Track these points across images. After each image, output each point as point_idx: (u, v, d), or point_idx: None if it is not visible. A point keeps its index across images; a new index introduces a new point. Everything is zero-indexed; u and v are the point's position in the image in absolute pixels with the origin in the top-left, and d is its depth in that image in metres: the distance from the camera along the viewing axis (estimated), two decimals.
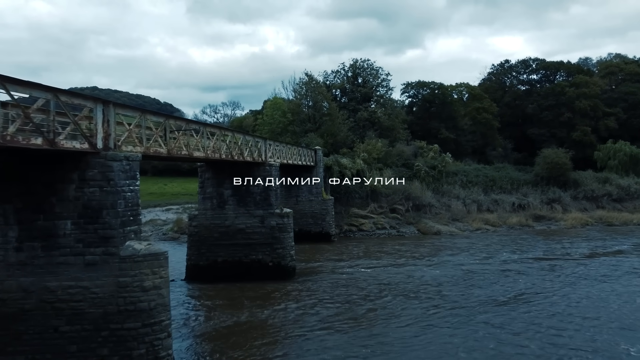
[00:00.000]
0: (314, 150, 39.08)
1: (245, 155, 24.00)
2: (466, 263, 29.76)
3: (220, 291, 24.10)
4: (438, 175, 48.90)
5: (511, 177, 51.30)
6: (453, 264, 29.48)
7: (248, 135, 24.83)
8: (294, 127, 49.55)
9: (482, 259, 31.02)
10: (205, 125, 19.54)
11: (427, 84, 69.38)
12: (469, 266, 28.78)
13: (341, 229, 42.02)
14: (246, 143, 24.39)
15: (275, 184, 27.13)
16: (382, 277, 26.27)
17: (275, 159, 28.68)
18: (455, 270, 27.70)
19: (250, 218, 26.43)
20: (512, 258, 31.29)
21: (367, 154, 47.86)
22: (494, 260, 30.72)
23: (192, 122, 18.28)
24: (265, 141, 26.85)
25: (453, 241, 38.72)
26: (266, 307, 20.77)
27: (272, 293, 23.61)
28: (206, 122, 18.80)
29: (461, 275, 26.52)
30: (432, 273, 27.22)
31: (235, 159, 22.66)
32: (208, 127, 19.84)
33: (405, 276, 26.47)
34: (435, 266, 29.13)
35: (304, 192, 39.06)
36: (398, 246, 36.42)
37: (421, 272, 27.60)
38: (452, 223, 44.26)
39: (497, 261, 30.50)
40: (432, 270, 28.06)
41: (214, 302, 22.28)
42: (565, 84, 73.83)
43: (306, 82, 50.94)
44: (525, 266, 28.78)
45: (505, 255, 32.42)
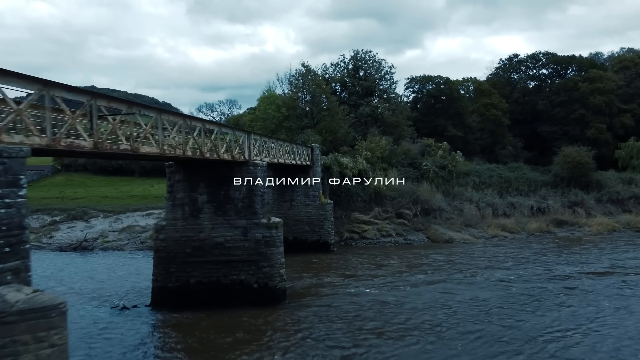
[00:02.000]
0: (311, 148, 33.87)
1: (221, 153, 18.79)
2: (494, 280, 24.55)
3: (192, 323, 18.93)
4: (448, 176, 43.68)
5: (528, 177, 46.11)
6: (480, 282, 24.28)
7: (226, 128, 19.61)
8: (289, 123, 44.32)
9: (514, 274, 25.82)
10: (161, 112, 14.30)
11: (433, 78, 64.14)
12: (500, 286, 23.49)
13: (341, 236, 36.80)
14: (223, 137, 19.17)
15: (262, 187, 21.93)
16: (396, 301, 21.03)
17: (262, 157, 23.47)
18: (486, 291, 22.43)
19: (230, 229, 21.21)
20: (555, 272, 26.25)
21: (370, 152, 42.65)
22: (528, 273, 25.70)
23: (138, 106, 13.08)
24: (249, 135, 21.63)
25: (469, 251, 33.50)
26: (249, 349, 15.57)
27: (257, 324, 18.49)
28: (163, 108, 13.05)
29: (498, 299, 21.11)
30: (461, 295, 21.86)
31: (207, 156, 17.45)
32: (165, 115, 14.61)
33: (423, 299, 21.26)
34: (460, 284, 23.89)
35: (299, 196, 33.84)
36: (407, 257, 31.21)
37: (443, 292, 22.35)
38: (466, 229, 39.04)
39: (536, 275, 25.50)
40: (459, 290, 22.74)
41: (181, 339, 17.11)
42: (578, 78, 68.69)
43: (303, 74, 45.73)
44: (575, 283, 23.73)
45: (544, 268, 27.33)
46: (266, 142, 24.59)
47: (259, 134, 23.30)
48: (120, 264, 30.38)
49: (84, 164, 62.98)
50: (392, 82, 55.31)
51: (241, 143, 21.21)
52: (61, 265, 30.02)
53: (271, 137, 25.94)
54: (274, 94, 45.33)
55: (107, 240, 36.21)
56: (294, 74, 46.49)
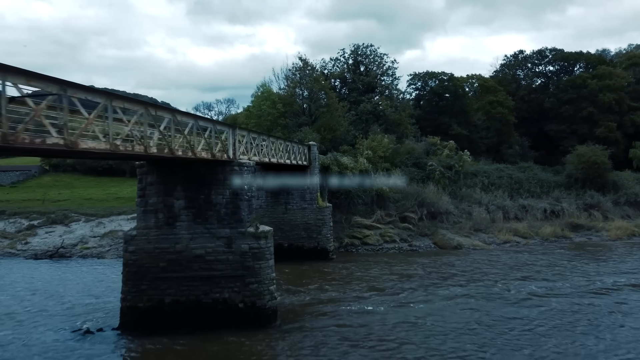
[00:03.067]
0: (308, 146, 30.74)
1: (197, 150, 15.63)
2: (525, 294, 21.44)
3: (165, 351, 15.91)
4: (455, 177, 40.51)
5: (540, 178, 42.92)
6: (509, 296, 21.20)
7: (205, 121, 16.42)
8: (285, 120, 41.14)
9: (545, 286, 22.80)
10: (111, 97, 11.13)
11: (436, 74, 60.93)
12: (535, 301, 20.28)
13: (341, 242, 33.66)
14: (200, 132, 16.02)
15: (249, 190, 18.79)
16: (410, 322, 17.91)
17: (250, 155, 20.34)
18: (522, 307, 19.38)
19: (211, 240, 18.07)
20: (594, 282, 23.29)
21: (372, 151, 39.50)
22: (563, 285, 22.76)
23: (76, 88, 9.92)
24: (234, 131, 18.47)
25: (480, 257, 30.36)
26: None
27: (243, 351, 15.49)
28: (114, 92, 9.76)
29: (540, 318, 17.93)
30: (492, 313, 18.70)
31: (179, 155, 14.28)
32: (118, 101, 11.44)
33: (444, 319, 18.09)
34: (485, 299, 20.78)
35: (294, 199, 30.69)
36: (414, 266, 28.09)
37: (468, 310, 19.28)
38: (475, 234, 35.89)
39: (574, 287, 22.54)
40: (487, 307, 19.63)
41: None
42: (586, 75, 65.53)
43: (300, 68, 42.54)
44: (622, 296, 20.82)
45: (580, 278, 24.38)
46: (255, 139, 21.43)
47: (247, 129, 20.18)
48: (97, 274, 27.25)
49: (73, 164, 59.76)
50: (395, 77, 52.18)
51: (224, 139, 18.06)
52: (30, 276, 26.87)
53: (262, 134, 22.77)
54: (268, 89, 42.17)
55: (87, 247, 33.08)
56: (290, 68, 43.32)
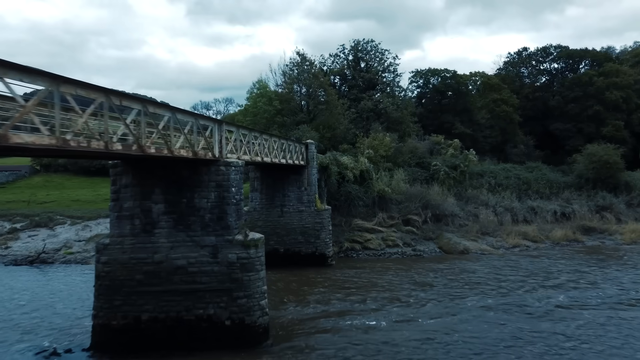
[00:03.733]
0: (305, 144, 28.60)
1: (175, 148, 13.50)
2: (550, 305, 19.41)
3: None
4: (460, 177, 38.38)
5: (548, 179, 40.73)
6: (534, 308, 19.17)
7: (183, 114, 14.25)
8: (283, 118, 38.98)
9: (572, 296, 20.78)
10: (59, 81, 8.98)
11: (439, 72, 58.77)
12: (566, 314, 18.23)
13: (341, 246, 31.52)
14: (179, 126, 13.89)
15: (238, 193, 16.68)
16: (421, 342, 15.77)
17: (240, 154, 18.20)
18: (555, 322, 17.32)
19: (194, 249, 15.96)
20: (627, 292, 21.26)
21: (373, 150, 37.39)
22: (590, 295, 20.83)
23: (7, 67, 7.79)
24: (220, 126, 16.33)
25: (492, 264, 28.22)
26: None
27: None
28: (62, 76, 7.53)
29: (577, 334, 15.93)
30: (522, 329, 16.58)
31: (151, 152, 12.15)
32: (68, 86, 9.29)
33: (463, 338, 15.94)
34: (508, 312, 18.70)
35: (291, 201, 28.56)
36: (420, 273, 25.96)
37: (489, 324, 17.25)
38: (482, 238, 33.76)
39: (604, 297, 20.53)
40: (512, 321, 17.59)
41: None
42: (592, 73, 63.44)
43: (298, 64, 40.37)
44: None
45: (609, 286, 22.41)
46: (246, 136, 19.28)
47: (236, 124, 18.03)
48: (78, 283, 25.10)
49: (65, 164, 57.56)
50: (396, 74, 49.98)
51: (209, 136, 15.92)
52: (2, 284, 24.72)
53: (253, 130, 20.60)
54: (264, 86, 40.03)
55: (71, 252, 30.95)
56: (287, 63, 41.14)
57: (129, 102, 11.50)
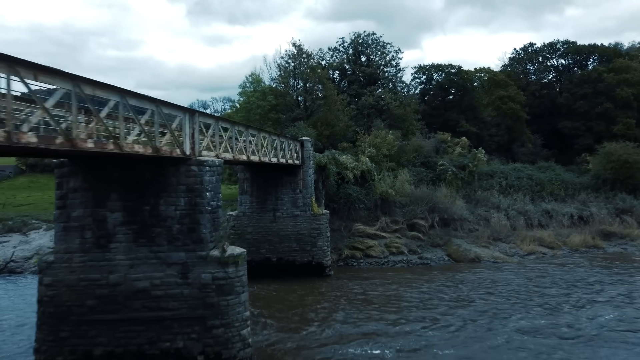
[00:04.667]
0: (300, 142, 25.48)
1: (127, 142, 10.40)
2: (608, 327, 16.36)
3: None
4: (469, 178, 35.27)
5: (563, 179, 37.57)
6: (588, 330, 16.11)
7: (138, 99, 11.05)
8: (277, 114, 35.86)
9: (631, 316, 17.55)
10: None
11: (443, 67, 55.67)
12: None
13: (340, 254, 28.44)
14: (133, 115, 10.77)
15: (214, 198, 13.59)
16: None
17: (219, 151, 15.08)
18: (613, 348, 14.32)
19: (160, 267, 12.88)
20: None
21: (375, 149, 34.29)
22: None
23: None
24: (192, 117, 13.21)
25: (510, 274, 25.20)
26: None
27: None
28: None
29: None
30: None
31: (87, 147, 9.03)
32: None
33: None
34: (552, 336, 15.62)
35: (284, 204, 25.44)
36: (430, 285, 22.88)
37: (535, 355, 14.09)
38: (494, 244, 30.67)
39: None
40: (565, 347, 14.54)
41: None
42: (602, 69, 60.39)
43: (294, 56, 37.24)
44: None
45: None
46: (228, 130, 16.15)
47: (214, 116, 14.87)
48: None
49: (51, 164, 54.37)
50: (399, 69, 46.79)
51: (177, 129, 12.82)
52: None
53: (238, 123, 17.43)
54: (258, 79, 36.90)
55: None
56: (283, 55, 37.99)
57: (53, 79, 8.37)
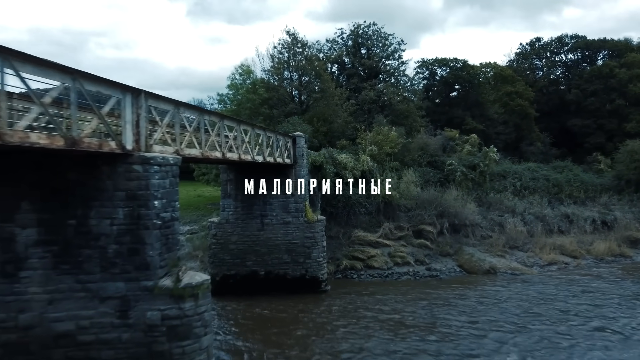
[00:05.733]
0: (292, 138, 21.93)
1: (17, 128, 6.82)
2: None
3: None
4: (480, 179, 31.69)
5: (582, 180, 34.00)
6: None
7: (39, 66, 7.46)
8: (270, 109, 32.32)
9: None
10: None
11: (447, 61, 52.10)
12: None
13: (338, 265, 24.92)
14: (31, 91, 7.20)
15: (168, 208, 10.09)
16: None
17: (181, 147, 11.52)
18: None
19: (90, 303, 9.37)
20: None
21: (377, 147, 30.75)
22: None
23: None
24: (137, 98, 9.67)
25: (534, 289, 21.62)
26: None
27: None
28: None
29: None
30: None
31: None
32: None
33: None
34: None
35: (274, 210, 21.89)
36: (444, 304, 19.28)
37: None
38: (511, 253, 27.14)
39: None
40: None
41: None
42: (613, 64, 56.96)
43: (288, 45, 33.67)
44: None
45: None
46: (194, 121, 12.57)
47: (173, 100, 11.27)
48: None
49: None
50: (402, 61, 43.21)
51: (115, 114, 9.29)
52: None
53: (206, 111, 13.76)
54: (248, 70, 33.37)
55: None
56: (276, 45, 34.43)
57: None
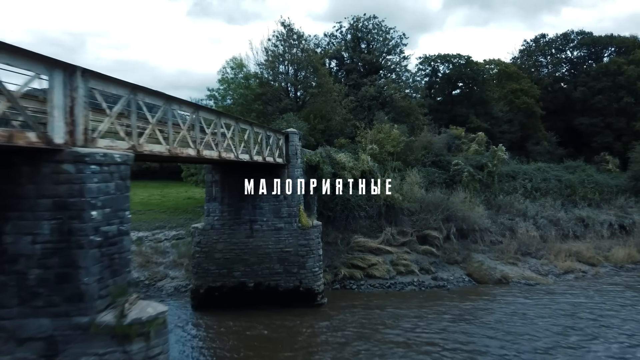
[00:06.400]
0: (285, 135, 19.61)
1: None
2: None
3: None
4: (488, 180, 29.36)
5: (597, 181, 31.65)
6: None
7: None
8: (263, 105, 29.99)
9: None
10: None
11: (450, 57, 49.75)
12: None
13: (336, 274, 22.61)
14: None
15: (111, 219, 7.71)
16: None
17: (137, 141, 9.18)
18: None
19: (4, 347, 6.97)
20: None
21: (378, 146, 28.45)
22: None
23: None
24: (70, 78, 7.30)
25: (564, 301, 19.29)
26: None
27: None
28: None
29: None
30: None
31: None
32: None
33: None
34: None
35: (264, 215, 19.58)
36: (456, 320, 16.98)
37: None
38: (523, 260, 24.83)
39: None
40: None
41: None
42: (621, 61, 54.74)
43: (283, 37, 31.33)
44: None
45: None
46: (158, 110, 10.23)
47: (124, 82, 8.88)
48: None
49: None
50: (404, 56, 40.87)
51: (40, 98, 6.97)
52: None
53: (175, 99, 11.29)
54: (240, 64, 30.99)
55: None
56: (270, 37, 32.12)
57: None
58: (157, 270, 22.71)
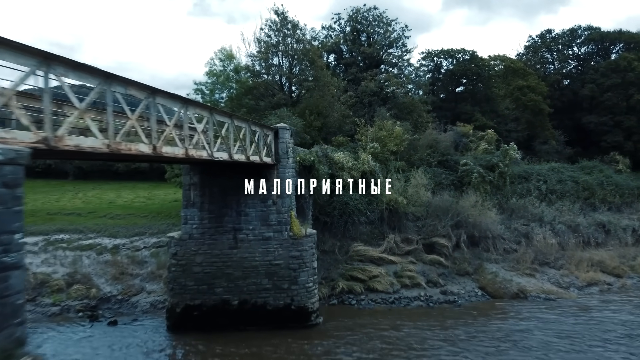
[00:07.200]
0: (274, 131, 16.89)
1: None
2: None
3: None
4: (499, 181, 26.65)
5: (616, 183, 28.95)
6: None
7: None
8: (255, 100, 27.29)
9: None
10: None
11: (454, 52, 47.08)
12: None
13: (333, 288, 19.92)
14: None
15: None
16: None
17: (52, 132, 6.47)
18: None
19: None
20: None
21: (380, 144, 25.77)
22: None
23: None
24: None
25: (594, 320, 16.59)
26: None
27: None
28: None
29: None
30: None
31: None
32: None
33: None
34: None
35: (251, 222, 16.88)
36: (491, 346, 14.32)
37: None
38: (541, 271, 22.17)
39: None
40: None
41: None
42: (632, 57, 52.15)
43: (277, 27, 28.61)
44: None
45: None
46: (99, 96, 7.52)
47: (17, 45, 6.22)
48: None
49: None
50: (406, 50, 38.14)
51: None
52: None
53: (115, 78, 8.52)
54: (230, 55, 28.28)
55: None
56: (262, 27, 29.43)
57: None
58: (132, 284, 20.00)
